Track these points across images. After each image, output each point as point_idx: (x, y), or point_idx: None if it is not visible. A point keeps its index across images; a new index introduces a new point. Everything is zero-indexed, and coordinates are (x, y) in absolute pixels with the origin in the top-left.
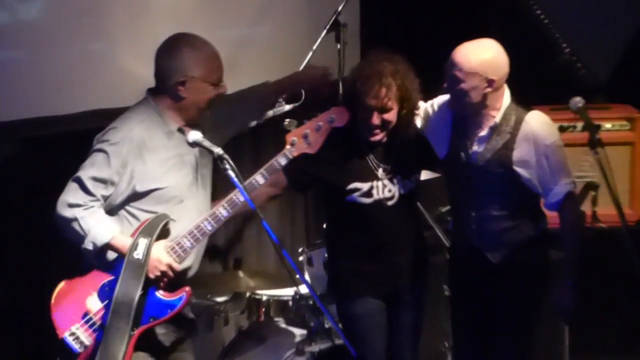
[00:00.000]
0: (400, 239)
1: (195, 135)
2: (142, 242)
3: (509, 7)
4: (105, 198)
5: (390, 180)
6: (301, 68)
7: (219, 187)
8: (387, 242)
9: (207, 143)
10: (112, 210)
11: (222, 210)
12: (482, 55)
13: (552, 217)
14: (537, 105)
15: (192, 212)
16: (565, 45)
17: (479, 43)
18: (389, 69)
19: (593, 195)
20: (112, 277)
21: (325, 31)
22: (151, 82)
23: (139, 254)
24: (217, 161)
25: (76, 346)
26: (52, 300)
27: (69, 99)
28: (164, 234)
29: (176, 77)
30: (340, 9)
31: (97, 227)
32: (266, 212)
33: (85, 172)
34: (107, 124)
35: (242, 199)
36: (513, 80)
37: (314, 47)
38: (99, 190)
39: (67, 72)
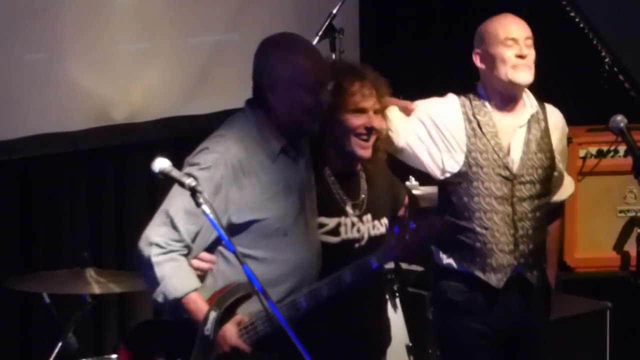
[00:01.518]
0: (368, 296)
1: (161, 163)
2: (212, 316)
3: (537, 10)
4: (195, 236)
5: (360, 218)
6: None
7: None
8: (353, 300)
9: (176, 173)
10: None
11: (324, 290)
12: None
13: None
14: (571, 125)
15: (297, 247)
16: (605, 54)
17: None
18: (373, 74)
19: (639, 233)
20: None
21: (318, 38)
22: (110, 100)
23: (208, 329)
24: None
25: None
26: None
27: (4, 121)
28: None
29: (263, 80)
30: (335, 11)
31: (172, 278)
32: None
33: (172, 203)
34: (57, 151)
35: (348, 280)
36: (542, 95)
37: None
38: (189, 226)
39: (0, 89)
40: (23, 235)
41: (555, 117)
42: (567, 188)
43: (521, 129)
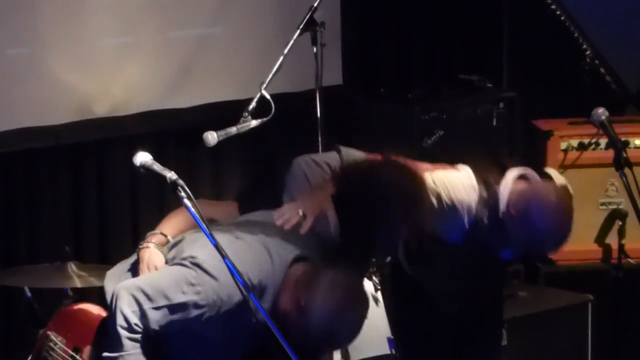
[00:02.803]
0: None
1: (143, 157)
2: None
3: (518, 3)
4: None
5: None
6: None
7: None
8: None
9: (157, 167)
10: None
11: None
12: None
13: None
14: (553, 118)
15: None
16: (586, 47)
17: None
18: None
19: (620, 226)
20: None
21: (298, 31)
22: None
23: None
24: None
25: None
26: None
27: None
28: None
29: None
30: (316, 5)
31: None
32: None
33: (159, 296)
34: (38, 145)
35: None
36: (526, 90)
37: (286, 51)
38: (162, 326)
39: None
40: (4, 230)
41: None
42: None
43: None
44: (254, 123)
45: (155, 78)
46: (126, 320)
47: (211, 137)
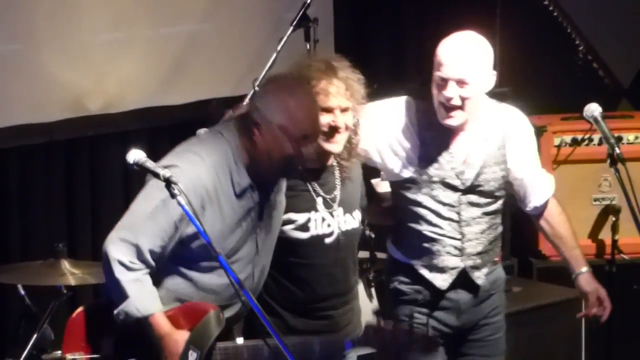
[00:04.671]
0: (337, 290)
1: (136, 154)
2: (192, 357)
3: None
4: (160, 255)
5: (331, 213)
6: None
7: None
8: (323, 294)
9: (150, 164)
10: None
11: (291, 347)
12: None
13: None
14: (546, 113)
15: (242, 265)
16: (579, 42)
17: None
18: (344, 72)
19: (613, 221)
20: None
21: (292, 27)
22: (84, 91)
23: None
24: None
25: None
26: None
27: None
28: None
29: (255, 115)
30: (309, 1)
31: (135, 300)
32: None
33: (137, 223)
34: (31, 142)
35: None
36: (518, 84)
37: (279, 47)
38: (155, 247)
39: None
40: None
41: (513, 125)
42: (546, 189)
43: (478, 142)
44: None
45: (148, 75)
46: (120, 263)
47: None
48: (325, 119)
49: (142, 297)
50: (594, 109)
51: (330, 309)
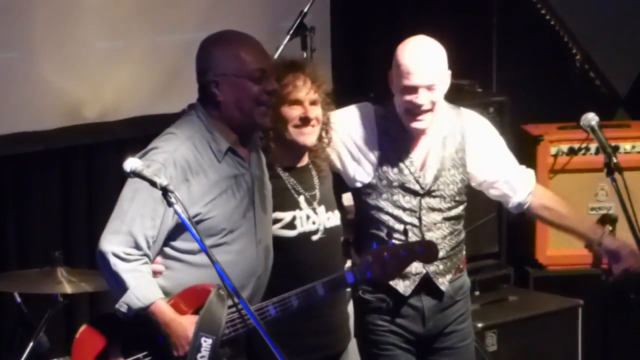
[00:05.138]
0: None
1: (133, 162)
2: (206, 343)
3: (507, 7)
4: (153, 241)
5: (314, 210)
6: None
7: None
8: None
9: (147, 172)
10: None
11: (294, 301)
12: None
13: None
14: (542, 122)
15: (242, 247)
16: (576, 52)
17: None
18: (310, 66)
19: (610, 231)
20: None
21: (289, 36)
22: (81, 99)
23: (204, 357)
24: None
25: None
26: None
27: None
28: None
29: (208, 78)
30: (306, 10)
31: (135, 289)
32: None
33: (127, 210)
34: (28, 150)
35: (321, 293)
36: (515, 93)
37: (276, 56)
38: (147, 231)
39: None
40: None
41: (471, 129)
42: (526, 184)
43: (435, 146)
44: None
45: (145, 83)
46: (115, 255)
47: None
48: (295, 112)
49: (142, 286)
50: (590, 118)
51: (324, 307)
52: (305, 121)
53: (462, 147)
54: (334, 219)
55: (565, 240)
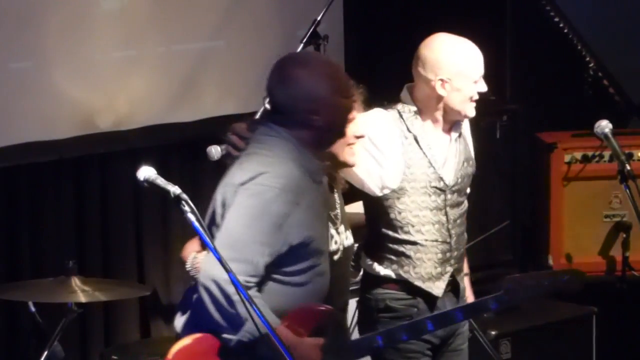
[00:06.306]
0: (339, 305)
1: (147, 171)
2: None
3: (521, 15)
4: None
5: (337, 230)
6: None
7: None
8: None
9: (161, 181)
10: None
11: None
12: None
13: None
14: (556, 130)
15: (326, 261)
16: (589, 59)
17: None
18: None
19: (624, 238)
20: None
21: (302, 45)
22: (95, 108)
23: None
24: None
25: None
26: None
27: None
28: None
29: (304, 105)
30: (319, 18)
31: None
32: None
33: (243, 237)
34: (42, 160)
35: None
36: (528, 101)
37: None
38: (266, 257)
39: None
40: (8, 244)
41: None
42: None
43: (452, 142)
44: None
45: (159, 92)
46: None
47: (215, 151)
48: (351, 130)
49: (264, 312)
50: (604, 125)
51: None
52: (358, 138)
53: (464, 140)
54: (350, 237)
55: (580, 247)
